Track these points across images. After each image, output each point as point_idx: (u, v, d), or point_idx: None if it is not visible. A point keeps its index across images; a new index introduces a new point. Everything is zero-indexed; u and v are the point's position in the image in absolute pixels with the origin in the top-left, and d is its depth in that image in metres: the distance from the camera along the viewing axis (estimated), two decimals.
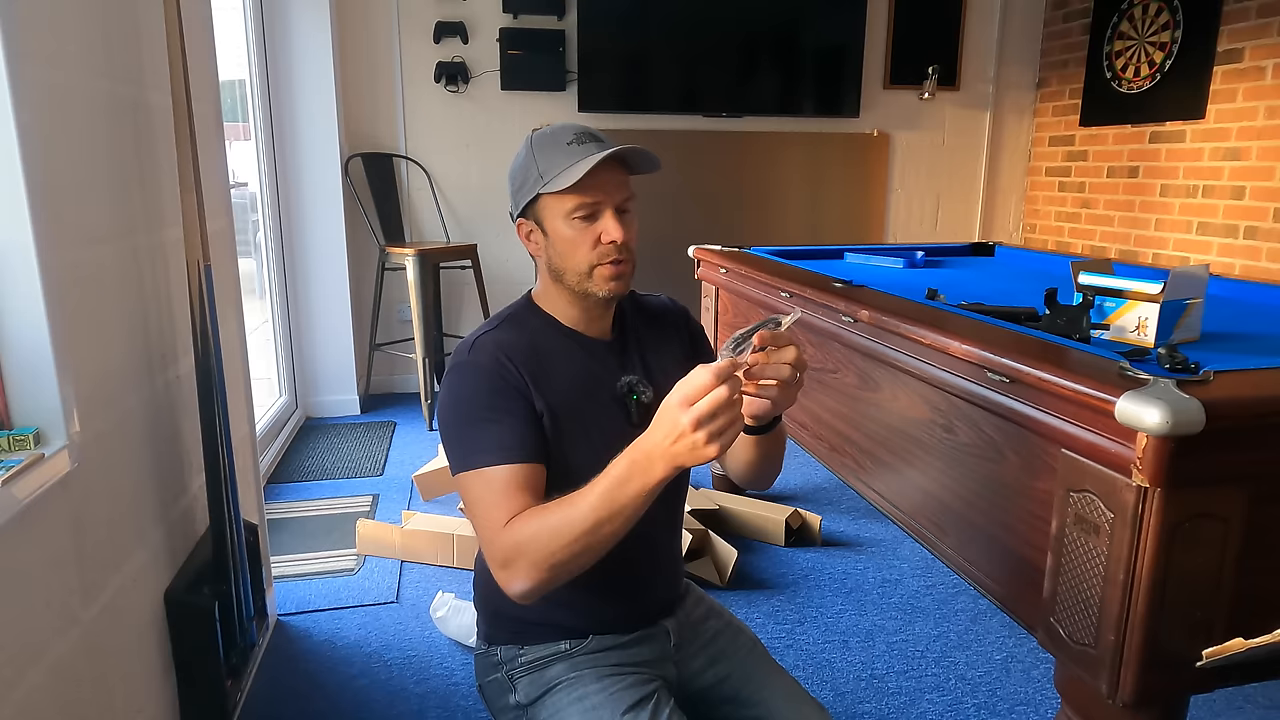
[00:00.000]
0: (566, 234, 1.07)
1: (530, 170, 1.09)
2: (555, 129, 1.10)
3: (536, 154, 1.09)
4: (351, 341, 3.83)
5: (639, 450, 0.87)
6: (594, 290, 1.09)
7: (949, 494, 1.49)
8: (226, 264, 1.90)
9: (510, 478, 1.00)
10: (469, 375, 1.07)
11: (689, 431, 0.82)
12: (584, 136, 1.08)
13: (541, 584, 0.95)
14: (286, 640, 2.06)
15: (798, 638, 2.08)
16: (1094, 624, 1.10)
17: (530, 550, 0.93)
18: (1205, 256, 3.59)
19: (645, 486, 0.87)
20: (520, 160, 1.11)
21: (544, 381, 1.07)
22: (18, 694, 1.02)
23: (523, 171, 1.10)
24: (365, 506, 2.83)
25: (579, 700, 1.10)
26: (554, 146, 1.08)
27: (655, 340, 1.21)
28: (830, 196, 4.46)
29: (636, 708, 1.08)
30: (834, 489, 2.99)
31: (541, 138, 1.10)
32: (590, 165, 1.02)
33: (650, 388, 1.14)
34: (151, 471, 1.48)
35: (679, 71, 4.14)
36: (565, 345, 1.13)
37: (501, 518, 0.97)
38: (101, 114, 1.34)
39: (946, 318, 1.55)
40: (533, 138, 1.12)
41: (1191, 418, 0.97)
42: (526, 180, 1.09)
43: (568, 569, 0.94)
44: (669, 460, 0.84)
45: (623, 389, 1.13)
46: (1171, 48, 3.68)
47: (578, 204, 1.05)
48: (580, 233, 1.07)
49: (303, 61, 3.56)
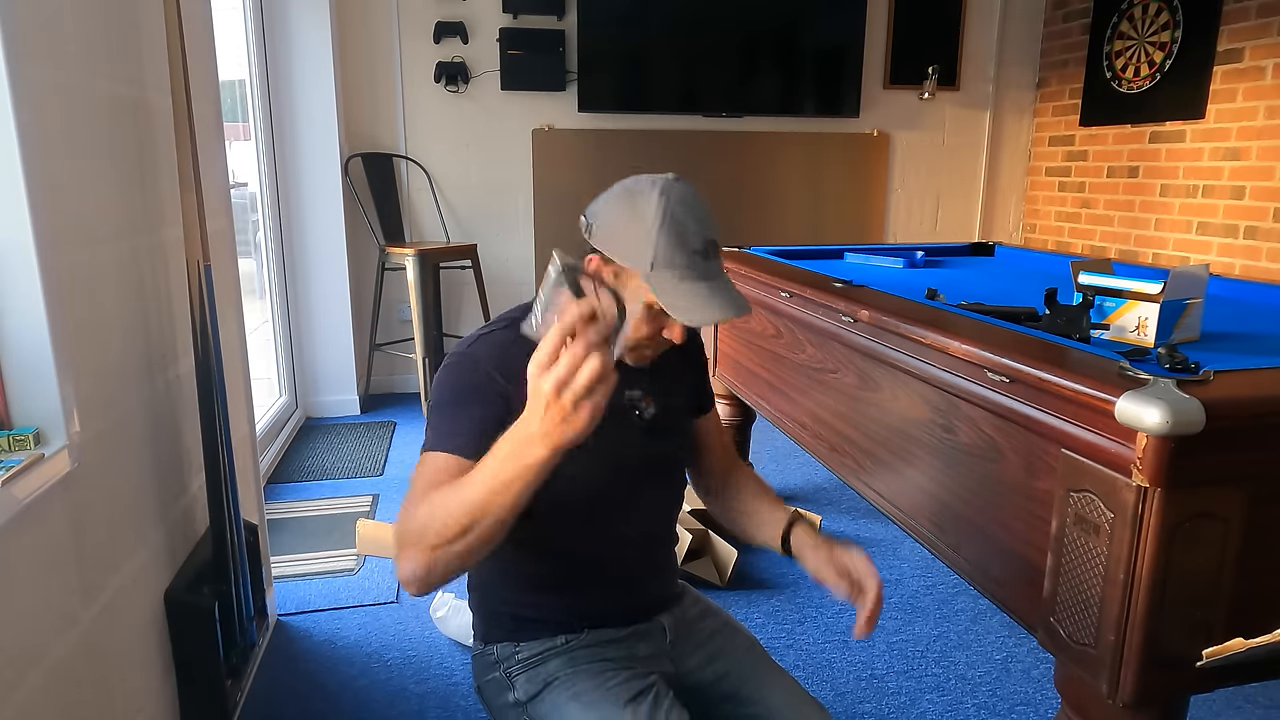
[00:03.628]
0: (637, 312, 1.02)
1: (645, 241, 0.99)
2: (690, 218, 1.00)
3: (663, 236, 0.98)
4: (351, 341, 3.83)
5: (519, 428, 0.81)
6: (625, 358, 1.08)
7: (949, 494, 1.48)
8: (226, 264, 1.90)
9: (444, 466, 0.96)
10: (454, 366, 1.06)
11: (554, 399, 0.74)
12: (708, 250, 1.00)
13: (427, 568, 0.88)
14: (286, 640, 2.06)
15: (798, 638, 2.08)
16: (1094, 624, 1.10)
17: (418, 530, 0.88)
18: (1205, 256, 3.59)
19: (527, 466, 0.80)
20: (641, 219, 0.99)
21: None
22: (18, 695, 1.02)
23: (637, 235, 0.99)
24: (365, 506, 2.83)
25: (578, 695, 1.10)
26: (681, 244, 0.99)
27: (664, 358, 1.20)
28: (830, 196, 4.46)
29: (637, 700, 1.08)
30: (834, 489, 2.99)
31: (674, 222, 0.99)
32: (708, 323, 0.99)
33: (654, 405, 1.15)
34: (151, 471, 1.48)
35: (679, 71, 4.14)
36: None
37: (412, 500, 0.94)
38: (102, 114, 1.34)
39: (946, 318, 1.55)
40: (666, 210, 0.99)
41: (1191, 418, 0.97)
42: (635, 246, 0.99)
43: (455, 554, 0.87)
44: (545, 439, 0.77)
45: (628, 401, 1.13)
46: (1171, 48, 3.68)
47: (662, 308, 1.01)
48: (648, 319, 1.03)
49: (303, 61, 3.56)
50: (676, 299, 0.98)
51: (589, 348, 0.72)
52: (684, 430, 1.28)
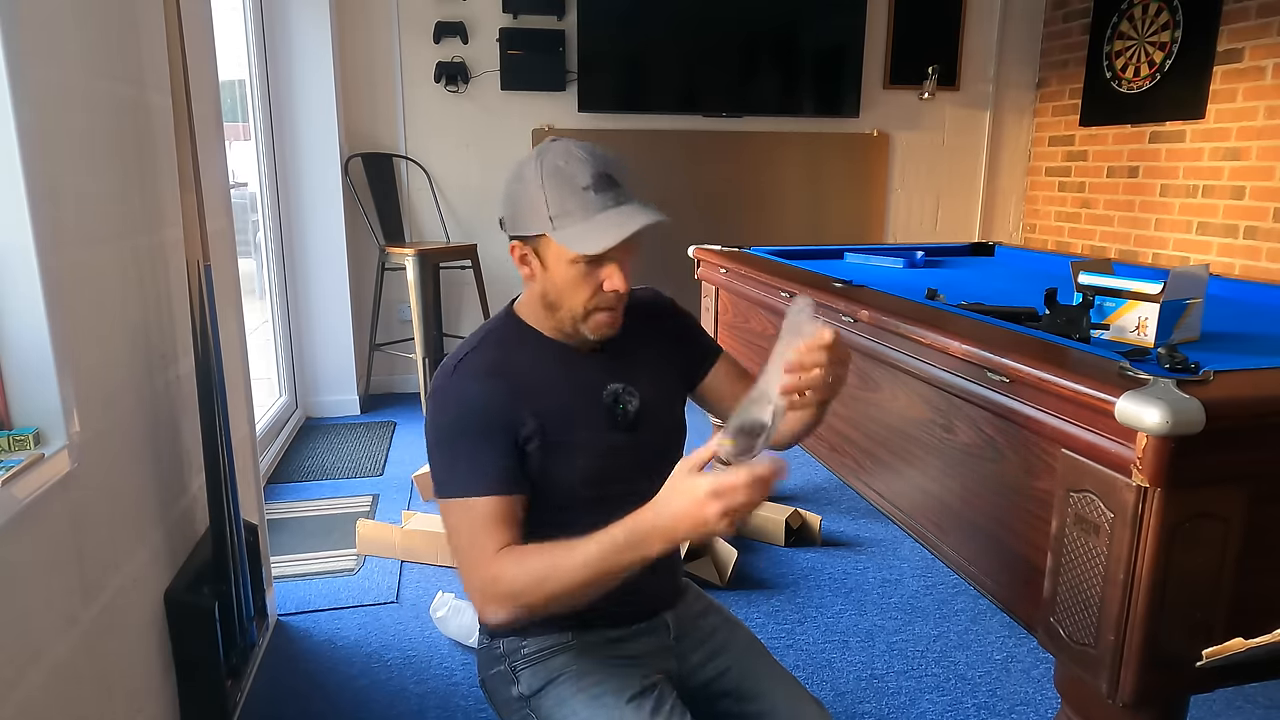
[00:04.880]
0: (568, 276, 1.05)
1: (538, 205, 1.03)
2: (570, 162, 1.03)
3: (548, 189, 1.02)
4: (351, 341, 3.83)
5: (644, 522, 0.89)
6: (586, 332, 1.10)
7: (949, 494, 1.49)
8: (226, 264, 1.90)
9: (492, 510, 1.02)
10: (452, 401, 1.07)
11: (713, 521, 0.85)
12: (600, 181, 1.02)
13: (514, 618, 1.00)
14: (286, 640, 2.06)
15: (798, 638, 2.08)
16: (1094, 624, 1.10)
17: (511, 589, 0.97)
18: (1205, 256, 3.59)
19: (646, 556, 0.90)
20: (527, 186, 1.04)
21: (530, 398, 1.07)
22: (18, 694, 1.02)
23: (529, 201, 1.04)
24: (365, 506, 2.83)
25: (583, 691, 1.11)
26: (568, 188, 1.02)
27: (643, 343, 1.20)
28: (830, 196, 4.46)
29: (640, 698, 1.08)
30: (834, 489, 2.99)
31: (555, 172, 1.03)
32: (615, 242, 1.00)
33: (636, 396, 1.14)
34: (151, 471, 1.48)
35: (679, 72, 4.14)
36: (549, 358, 1.13)
37: (484, 550, 1.00)
38: (101, 114, 1.34)
39: (946, 318, 1.55)
40: (543, 166, 1.03)
41: (1191, 418, 0.97)
42: (533, 214, 1.04)
43: (544, 610, 0.99)
44: (673, 539, 0.88)
45: (609, 398, 1.13)
46: (1171, 48, 3.68)
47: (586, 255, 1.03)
48: (582, 277, 1.05)
49: (303, 61, 3.56)
50: (578, 237, 1.01)
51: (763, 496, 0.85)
52: (675, 414, 1.25)
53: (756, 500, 0.85)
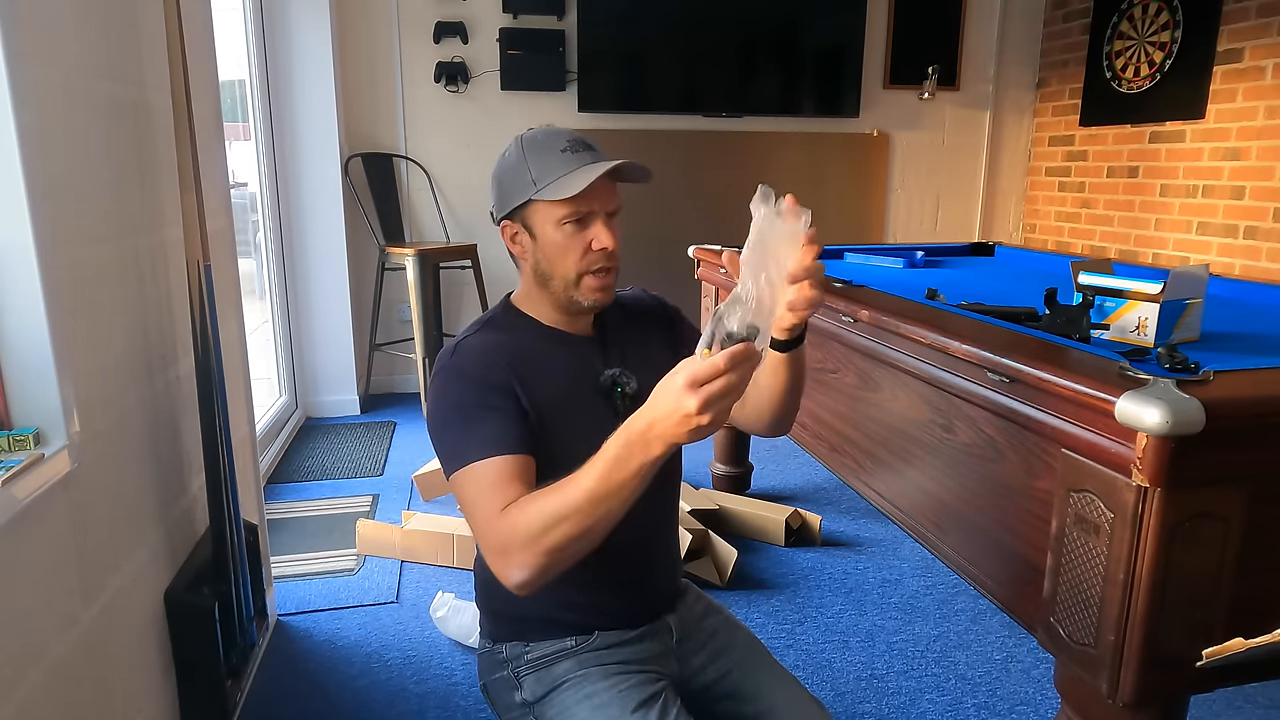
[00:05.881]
0: (557, 239, 1.08)
1: (521, 174, 1.09)
2: (547, 133, 1.11)
3: (529, 158, 1.09)
4: (351, 341, 3.83)
5: (634, 430, 0.85)
6: (580, 299, 1.11)
7: (949, 494, 1.49)
8: (226, 264, 1.90)
9: (501, 469, 1.00)
10: (454, 378, 1.08)
11: (694, 413, 0.80)
12: (577, 144, 1.09)
13: (539, 571, 0.92)
14: (286, 640, 2.06)
15: (798, 638, 2.08)
16: (1094, 624, 1.10)
17: (526, 536, 0.92)
18: (1205, 256, 3.59)
19: (644, 464, 0.85)
20: (509, 163, 1.11)
21: (529, 381, 1.08)
22: (18, 694, 1.02)
23: (513, 174, 1.10)
24: (365, 506, 2.83)
25: (587, 698, 1.10)
26: (547, 152, 1.08)
27: (636, 333, 1.22)
28: (830, 196, 4.45)
29: (645, 706, 1.08)
30: (834, 489, 2.99)
31: (533, 142, 1.10)
32: (594, 177, 1.03)
33: (634, 379, 1.14)
34: (151, 471, 1.48)
35: (679, 71, 4.14)
36: (547, 344, 1.14)
37: (495, 508, 0.96)
38: (101, 114, 1.34)
39: (946, 318, 1.55)
40: (523, 141, 1.11)
41: (1191, 418, 0.97)
42: (517, 184, 1.09)
43: (565, 554, 0.91)
44: (667, 439, 0.83)
45: (606, 382, 1.14)
46: (1171, 48, 3.68)
47: (571, 211, 1.07)
48: (570, 239, 1.08)
49: (303, 61, 3.56)
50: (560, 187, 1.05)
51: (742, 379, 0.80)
52: None
53: (735, 385, 0.79)
